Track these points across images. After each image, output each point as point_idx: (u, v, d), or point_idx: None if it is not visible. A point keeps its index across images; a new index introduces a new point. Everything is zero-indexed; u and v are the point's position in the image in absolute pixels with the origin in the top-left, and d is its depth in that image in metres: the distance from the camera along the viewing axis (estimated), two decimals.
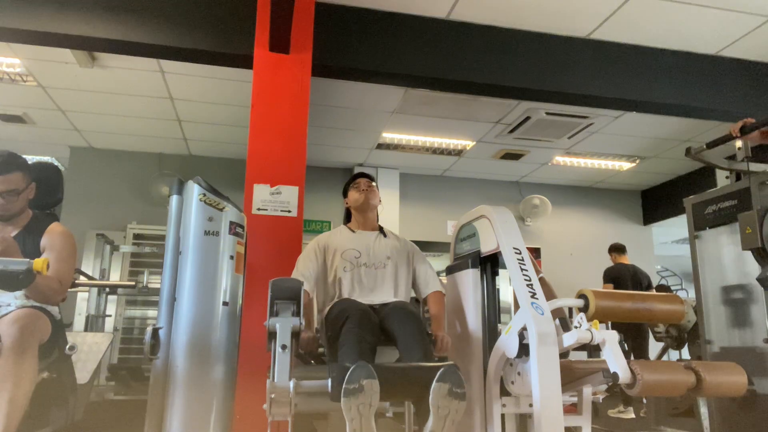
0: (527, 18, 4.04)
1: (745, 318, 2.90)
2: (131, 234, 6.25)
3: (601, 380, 1.88)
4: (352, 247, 2.68)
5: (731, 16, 3.95)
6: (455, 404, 1.83)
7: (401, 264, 2.71)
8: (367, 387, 1.77)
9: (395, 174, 7.19)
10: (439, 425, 1.82)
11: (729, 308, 3.00)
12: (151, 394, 2.10)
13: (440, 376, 1.84)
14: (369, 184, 2.83)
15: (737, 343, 2.93)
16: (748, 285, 2.89)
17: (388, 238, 2.79)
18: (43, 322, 2.10)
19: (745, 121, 2.97)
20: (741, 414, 2.83)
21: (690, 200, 3.29)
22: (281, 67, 3.52)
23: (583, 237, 7.56)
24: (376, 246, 2.72)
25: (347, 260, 2.64)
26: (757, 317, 2.84)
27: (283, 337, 1.98)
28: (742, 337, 2.92)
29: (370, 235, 2.76)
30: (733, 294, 2.98)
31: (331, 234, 2.81)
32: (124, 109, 5.48)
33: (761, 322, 2.80)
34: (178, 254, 2.22)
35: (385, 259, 2.67)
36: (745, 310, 2.90)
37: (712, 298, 3.10)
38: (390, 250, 2.72)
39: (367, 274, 2.61)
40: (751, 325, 2.86)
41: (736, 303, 2.96)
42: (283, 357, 1.95)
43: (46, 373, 2.25)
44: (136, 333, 6.03)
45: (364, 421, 1.78)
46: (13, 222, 2.36)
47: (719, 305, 3.06)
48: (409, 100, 5.19)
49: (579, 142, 6.19)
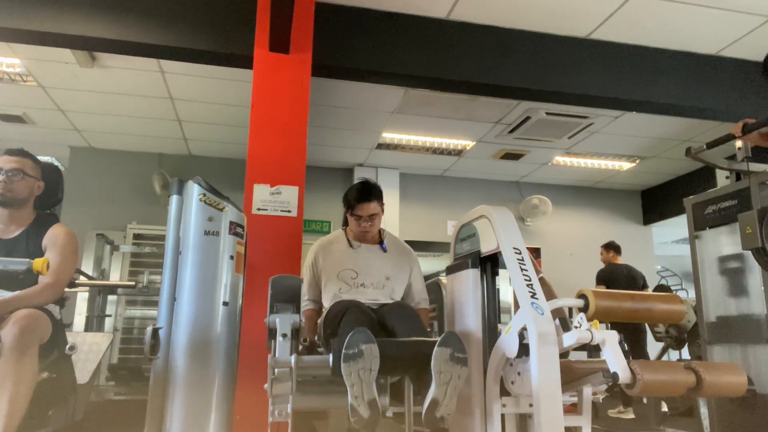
0: (527, 18, 4.04)
1: (744, 316, 2.90)
2: (131, 234, 6.25)
3: (601, 380, 1.87)
4: (349, 267, 2.57)
5: (731, 16, 3.95)
6: (457, 369, 1.81)
7: (400, 282, 2.65)
8: (366, 351, 1.77)
9: (395, 174, 7.19)
10: (441, 391, 1.81)
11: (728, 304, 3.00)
12: (151, 394, 2.10)
13: (442, 340, 1.83)
14: (372, 216, 2.60)
15: (737, 343, 2.93)
16: (748, 285, 2.89)
17: (389, 253, 2.68)
18: (43, 322, 2.10)
19: (745, 121, 2.97)
20: (741, 414, 2.83)
21: (690, 200, 3.28)
22: (281, 67, 3.53)
23: (583, 237, 7.55)
24: (376, 264, 2.61)
25: (343, 281, 2.55)
26: (756, 314, 2.84)
27: (284, 328, 1.99)
28: (741, 335, 2.92)
29: (370, 250, 2.67)
30: (732, 292, 2.98)
31: (326, 246, 2.69)
32: (124, 109, 5.48)
33: (761, 321, 2.80)
34: (178, 254, 2.22)
35: (384, 280, 2.59)
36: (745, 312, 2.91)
37: (712, 297, 3.10)
38: (390, 268, 2.62)
39: (364, 293, 2.54)
40: (750, 323, 2.87)
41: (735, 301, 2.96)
42: (283, 343, 1.95)
43: (46, 373, 2.25)
44: (136, 333, 6.03)
45: (365, 386, 1.77)
46: (17, 221, 2.37)
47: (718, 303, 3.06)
48: (409, 100, 5.19)
49: (579, 142, 6.19)
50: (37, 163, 2.44)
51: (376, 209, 2.61)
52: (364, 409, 1.75)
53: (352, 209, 2.61)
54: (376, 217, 2.63)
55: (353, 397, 1.76)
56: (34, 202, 2.45)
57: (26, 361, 1.96)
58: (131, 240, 6.22)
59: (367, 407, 1.76)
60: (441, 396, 1.81)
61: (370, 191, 2.62)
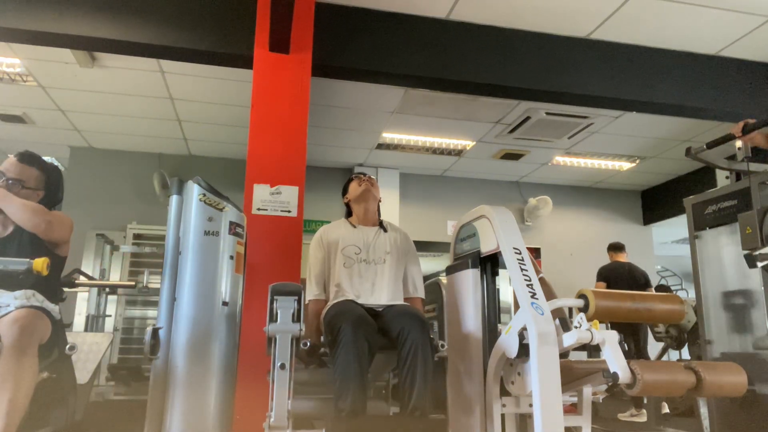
0: (527, 18, 4.04)
1: (744, 317, 2.90)
2: (131, 234, 6.25)
3: (601, 380, 1.88)
4: (352, 243, 2.72)
5: (731, 16, 3.95)
6: None
7: (400, 259, 2.75)
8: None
9: (395, 174, 7.19)
10: None
11: (729, 309, 3.00)
12: (151, 394, 2.09)
13: None
14: (370, 178, 2.88)
15: (737, 343, 2.93)
16: (748, 287, 2.89)
17: (389, 233, 2.82)
18: (43, 322, 2.11)
19: (746, 121, 2.97)
20: (741, 414, 2.83)
21: (690, 200, 3.28)
22: (281, 67, 3.53)
23: (583, 237, 7.56)
24: (377, 241, 2.75)
25: (347, 256, 2.68)
26: (757, 317, 2.84)
27: (282, 353, 1.98)
28: (741, 338, 2.91)
29: (371, 230, 2.79)
30: (733, 295, 2.98)
31: (331, 228, 2.83)
32: (124, 109, 5.48)
33: (761, 322, 2.80)
34: (178, 254, 2.22)
35: (385, 254, 2.71)
36: (745, 312, 2.90)
37: (712, 298, 3.10)
38: (390, 245, 2.75)
39: (366, 270, 2.65)
40: (750, 325, 2.86)
41: (736, 305, 2.96)
42: (282, 377, 1.96)
43: (46, 373, 2.25)
44: (136, 333, 6.03)
45: None
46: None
47: (719, 305, 3.06)
48: (409, 100, 5.19)
49: (579, 142, 6.19)
50: (43, 171, 2.44)
51: (372, 178, 2.89)
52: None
53: (351, 180, 2.90)
54: (374, 181, 2.88)
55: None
56: None
57: (26, 361, 1.96)
58: (131, 240, 6.22)
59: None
60: None
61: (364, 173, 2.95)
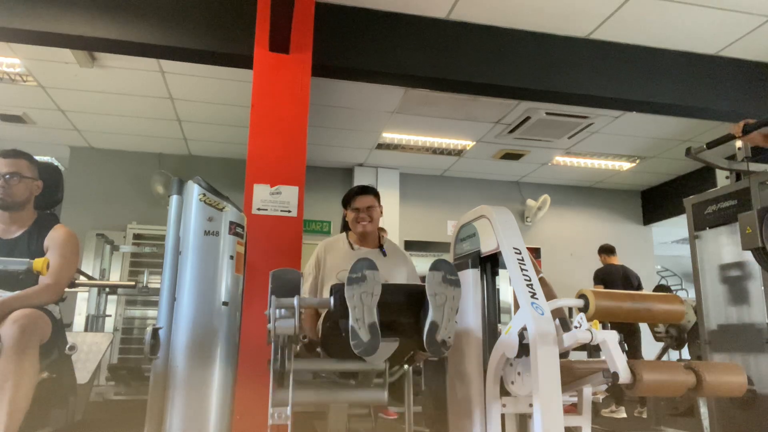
0: (527, 18, 4.04)
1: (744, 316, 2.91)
2: (131, 234, 6.26)
3: (601, 380, 1.88)
4: (348, 269, 2.64)
5: (731, 16, 3.95)
6: (450, 291, 1.91)
7: None
8: (369, 276, 1.92)
9: (395, 174, 7.19)
10: (438, 314, 1.88)
11: (729, 308, 3.00)
12: (151, 394, 2.09)
13: (433, 265, 1.92)
14: (369, 208, 2.71)
15: (736, 342, 2.93)
16: (749, 287, 2.89)
17: (388, 258, 2.72)
18: (43, 322, 2.10)
19: (745, 121, 2.97)
20: (741, 414, 2.83)
21: (690, 200, 3.28)
22: (281, 67, 3.52)
23: (583, 237, 7.56)
24: None
25: (341, 280, 2.59)
26: (757, 316, 2.84)
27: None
28: (741, 336, 2.92)
29: (369, 253, 2.69)
30: (733, 294, 2.98)
31: (330, 245, 2.75)
32: (124, 109, 5.48)
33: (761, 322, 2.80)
34: (178, 254, 2.22)
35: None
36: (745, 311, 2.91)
37: (712, 298, 3.10)
38: (388, 272, 2.63)
39: None
40: (750, 323, 2.87)
41: (736, 304, 2.96)
42: None
43: (46, 373, 2.25)
44: (136, 333, 6.04)
45: (366, 309, 1.87)
46: (18, 221, 2.37)
47: (719, 305, 3.06)
48: (409, 100, 5.19)
49: (579, 142, 6.19)
50: (33, 162, 2.43)
51: (372, 202, 2.73)
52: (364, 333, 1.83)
53: (350, 203, 2.74)
54: (374, 210, 2.74)
55: (354, 320, 1.85)
56: (34, 202, 2.45)
57: (26, 361, 1.96)
58: (131, 240, 6.23)
59: (367, 331, 1.83)
60: (439, 318, 1.88)
61: (367, 187, 2.78)
